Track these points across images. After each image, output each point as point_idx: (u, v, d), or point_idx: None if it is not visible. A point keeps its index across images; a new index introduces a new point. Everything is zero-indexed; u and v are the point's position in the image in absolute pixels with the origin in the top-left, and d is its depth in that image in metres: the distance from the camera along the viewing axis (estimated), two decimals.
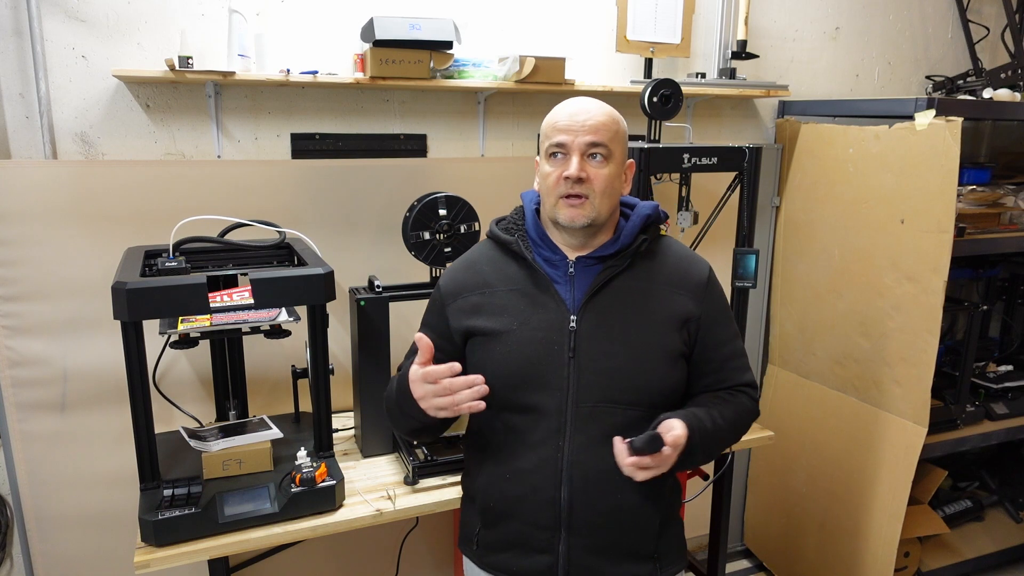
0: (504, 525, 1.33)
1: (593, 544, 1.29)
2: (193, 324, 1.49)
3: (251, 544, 1.45)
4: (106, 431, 1.87)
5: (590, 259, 1.31)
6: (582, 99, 1.31)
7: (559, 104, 1.31)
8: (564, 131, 1.26)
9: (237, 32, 1.78)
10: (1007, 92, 2.32)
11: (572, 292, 1.30)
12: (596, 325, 1.28)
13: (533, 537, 1.30)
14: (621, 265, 1.31)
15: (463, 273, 1.40)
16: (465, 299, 1.36)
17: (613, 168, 1.27)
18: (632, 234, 1.32)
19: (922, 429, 2.09)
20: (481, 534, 1.38)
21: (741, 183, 2.13)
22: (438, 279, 1.81)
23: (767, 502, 2.72)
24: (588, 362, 1.27)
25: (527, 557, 1.32)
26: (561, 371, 1.27)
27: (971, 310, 2.45)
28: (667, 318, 1.30)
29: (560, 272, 1.32)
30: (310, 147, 2.02)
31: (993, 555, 2.70)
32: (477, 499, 1.38)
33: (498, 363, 1.30)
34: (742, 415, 1.37)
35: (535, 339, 1.29)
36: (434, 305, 1.42)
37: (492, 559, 1.36)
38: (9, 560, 1.93)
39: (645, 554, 1.33)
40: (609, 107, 1.30)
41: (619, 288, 1.31)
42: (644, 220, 1.34)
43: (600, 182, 1.25)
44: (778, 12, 2.54)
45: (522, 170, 2.20)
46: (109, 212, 1.78)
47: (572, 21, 2.24)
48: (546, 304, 1.30)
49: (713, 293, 1.36)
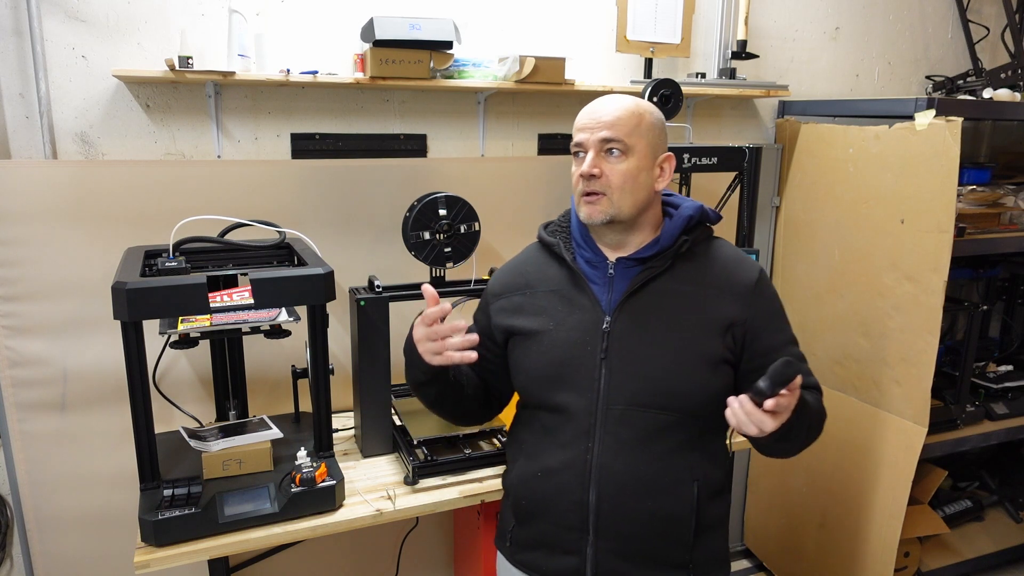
0: (534, 523, 1.34)
1: (621, 549, 1.28)
2: (193, 324, 1.49)
3: (251, 544, 1.45)
4: (106, 431, 1.86)
5: (630, 260, 1.30)
6: (607, 96, 1.29)
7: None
8: (582, 129, 1.26)
9: (237, 32, 1.78)
10: (1007, 92, 2.32)
11: (609, 293, 1.29)
12: (631, 327, 1.27)
13: (561, 538, 1.30)
14: (661, 267, 1.28)
15: (509, 275, 1.43)
16: (508, 299, 1.38)
17: (633, 162, 1.24)
18: (673, 235, 1.29)
19: (922, 429, 2.09)
20: (514, 531, 1.38)
21: (741, 183, 2.13)
22: (441, 279, 1.83)
23: (767, 502, 2.72)
24: (620, 364, 1.26)
25: (555, 557, 1.32)
26: (592, 372, 1.26)
27: (971, 310, 2.45)
28: (709, 322, 1.27)
29: (599, 273, 1.31)
30: (310, 147, 2.02)
31: (993, 555, 2.70)
32: (511, 495, 1.39)
33: (533, 362, 1.31)
34: (821, 410, 1.32)
35: (569, 339, 1.29)
36: (481, 305, 1.46)
37: (522, 556, 1.37)
38: (9, 560, 1.93)
39: (678, 563, 1.30)
40: (634, 101, 1.27)
41: (658, 290, 1.28)
42: (686, 221, 1.31)
43: (616, 177, 1.24)
44: (778, 12, 2.54)
45: (522, 170, 2.20)
46: (109, 212, 1.78)
47: (572, 21, 2.24)
48: (582, 305, 1.30)
49: (763, 296, 1.32)
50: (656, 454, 1.26)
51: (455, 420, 1.54)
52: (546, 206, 2.22)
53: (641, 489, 1.25)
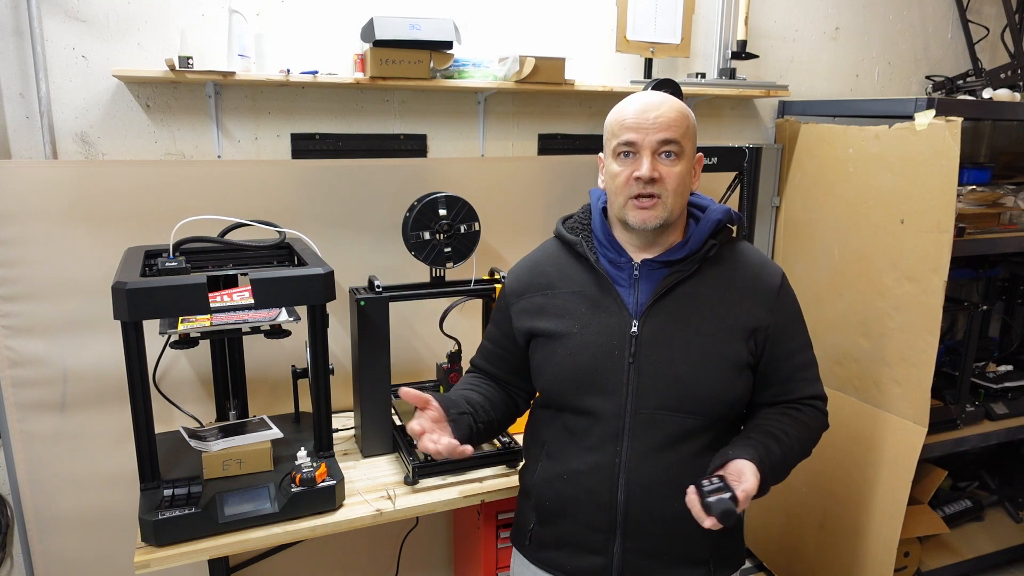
0: (558, 524, 1.33)
1: (647, 548, 1.28)
2: (193, 324, 1.49)
3: (251, 544, 1.45)
4: (106, 431, 1.87)
5: (656, 263, 1.28)
6: (650, 93, 1.27)
7: (625, 100, 1.27)
8: (633, 129, 1.22)
9: (237, 32, 1.78)
10: (1007, 92, 2.32)
11: (636, 296, 1.28)
12: (658, 331, 1.26)
13: (587, 538, 1.30)
14: (688, 271, 1.27)
15: (527, 273, 1.39)
16: (528, 299, 1.36)
17: (685, 165, 1.24)
18: (701, 239, 1.28)
19: (922, 429, 2.09)
20: (535, 530, 1.38)
21: (741, 183, 2.13)
22: (441, 279, 1.83)
23: (767, 502, 2.71)
24: (648, 368, 1.25)
25: (580, 557, 1.32)
26: (620, 376, 1.26)
27: (971, 310, 2.45)
28: (734, 327, 1.26)
29: (624, 275, 1.29)
30: (310, 147, 2.02)
31: (993, 555, 2.69)
32: (533, 495, 1.38)
33: (558, 366, 1.30)
34: (811, 431, 1.33)
35: (596, 343, 1.27)
36: (499, 305, 1.44)
37: (544, 555, 1.37)
38: (9, 560, 1.93)
39: (700, 559, 1.31)
40: (679, 101, 1.25)
41: (685, 294, 1.27)
42: (714, 225, 1.29)
43: (673, 181, 1.22)
44: (778, 12, 2.54)
45: (522, 170, 2.20)
46: (109, 212, 1.78)
47: (572, 21, 2.24)
48: (608, 308, 1.28)
49: (785, 301, 1.32)
50: (682, 456, 1.26)
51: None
52: (546, 206, 2.22)
53: (668, 491, 1.25)
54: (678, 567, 1.30)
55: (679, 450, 1.26)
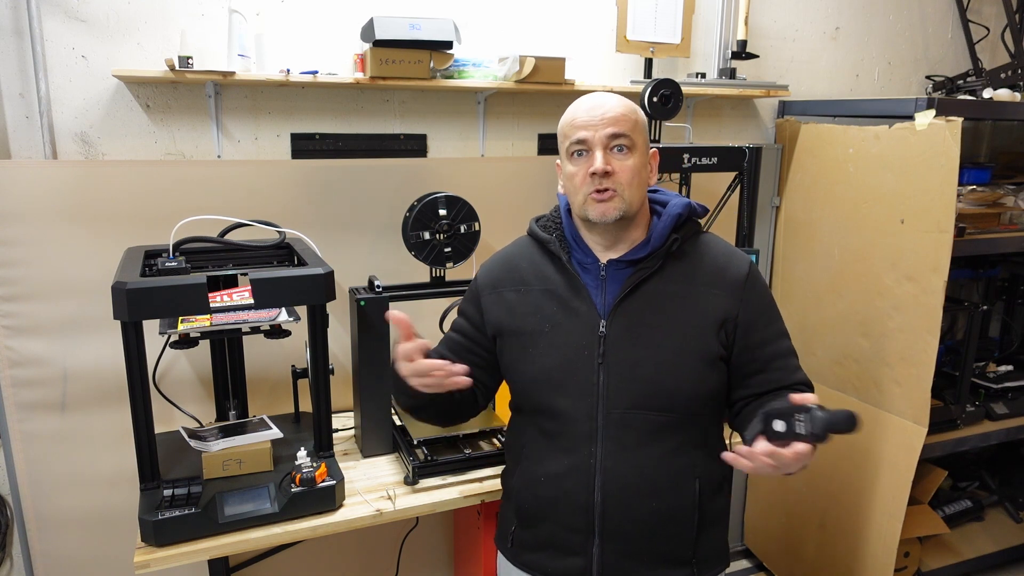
0: (538, 526, 1.34)
1: (627, 549, 1.28)
2: (193, 324, 1.49)
3: (251, 544, 1.45)
4: (106, 431, 1.87)
5: (621, 262, 1.29)
6: (597, 94, 1.29)
7: (574, 102, 1.29)
8: (583, 127, 1.24)
9: (237, 32, 1.78)
10: (1007, 92, 2.32)
11: (603, 296, 1.28)
12: (625, 330, 1.26)
13: (566, 540, 1.30)
14: (652, 267, 1.28)
15: (500, 268, 1.40)
16: (499, 294, 1.36)
17: (638, 158, 1.25)
18: (663, 235, 1.28)
19: (922, 429, 2.09)
20: (516, 532, 1.38)
21: (741, 183, 2.13)
22: (441, 279, 1.83)
23: (767, 502, 2.72)
24: (617, 368, 1.25)
25: (560, 558, 1.32)
26: (591, 376, 1.26)
27: (971, 310, 2.45)
28: (702, 320, 1.27)
29: (592, 276, 1.30)
30: (310, 147, 2.02)
31: (993, 555, 2.70)
32: (513, 498, 1.38)
33: (529, 366, 1.30)
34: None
35: (566, 343, 1.28)
36: (470, 296, 1.43)
37: (526, 557, 1.37)
38: (9, 560, 1.93)
39: (682, 559, 1.31)
40: (625, 99, 1.27)
41: (650, 292, 1.28)
42: (675, 220, 1.30)
43: (627, 174, 1.23)
44: (778, 12, 2.54)
45: (522, 170, 2.20)
46: (109, 212, 1.78)
47: (572, 21, 2.24)
48: (578, 308, 1.29)
49: (754, 290, 1.31)
50: (658, 454, 1.27)
51: (443, 425, 1.53)
52: (546, 206, 2.20)
53: (645, 489, 1.26)
54: (660, 567, 1.30)
55: (654, 448, 1.26)
